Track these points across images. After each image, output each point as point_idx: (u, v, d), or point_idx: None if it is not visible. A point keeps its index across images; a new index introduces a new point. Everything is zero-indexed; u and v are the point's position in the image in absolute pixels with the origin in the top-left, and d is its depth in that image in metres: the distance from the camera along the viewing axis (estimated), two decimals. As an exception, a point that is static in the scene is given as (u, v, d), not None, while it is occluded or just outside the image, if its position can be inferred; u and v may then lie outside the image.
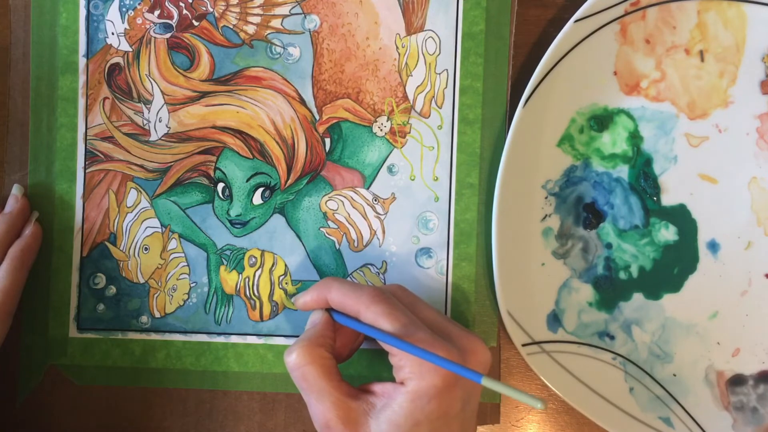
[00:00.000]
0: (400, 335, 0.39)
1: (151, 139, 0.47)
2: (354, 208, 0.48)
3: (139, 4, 0.47)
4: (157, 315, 0.48)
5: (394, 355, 0.39)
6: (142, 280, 0.48)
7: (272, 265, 0.48)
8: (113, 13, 0.47)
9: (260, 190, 0.47)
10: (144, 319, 0.48)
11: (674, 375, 0.48)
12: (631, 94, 0.47)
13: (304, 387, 0.40)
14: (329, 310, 0.43)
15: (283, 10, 0.47)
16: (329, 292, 0.42)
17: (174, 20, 0.47)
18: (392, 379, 0.40)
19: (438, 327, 0.41)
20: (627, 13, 0.46)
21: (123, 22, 0.47)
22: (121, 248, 0.47)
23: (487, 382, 0.36)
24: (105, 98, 0.47)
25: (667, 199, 0.47)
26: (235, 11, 0.47)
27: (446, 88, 0.47)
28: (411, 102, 0.47)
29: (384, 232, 0.48)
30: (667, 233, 0.48)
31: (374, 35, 0.47)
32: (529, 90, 0.45)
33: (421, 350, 0.38)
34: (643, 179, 0.47)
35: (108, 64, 0.47)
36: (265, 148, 0.47)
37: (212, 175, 0.48)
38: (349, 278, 0.48)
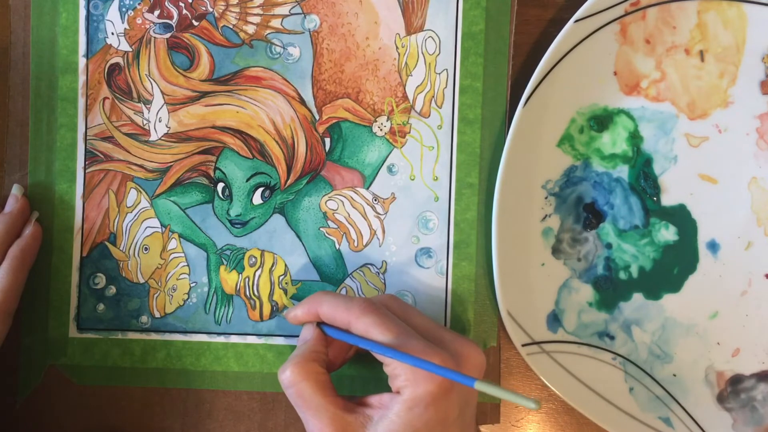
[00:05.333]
0: (392, 345, 0.39)
1: (151, 139, 0.47)
2: (354, 207, 0.48)
3: (139, 4, 0.47)
4: (157, 315, 0.48)
5: (388, 365, 0.40)
6: (142, 280, 0.48)
7: (272, 265, 0.48)
8: (113, 13, 0.47)
9: (260, 190, 0.48)
10: (144, 319, 0.48)
11: (674, 375, 0.48)
12: (631, 94, 0.47)
13: (300, 404, 0.40)
14: (320, 324, 0.43)
15: (283, 10, 0.47)
16: (320, 307, 0.42)
17: (174, 20, 0.47)
18: None
19: (431, 334, 0.41)
20: (627, 13, 0.46)
21: (123, 22, 0.47)
22: (121, 248, 0.47)
23: (480, 386, 0.36)
24: (105, 98, 0.47)
25: (667, 199, 0.47)
26: (235, 11, 0.47)
27: (446, 87, 0.47)
28: (411, 102, 0.47)
29: (384, 232, 0.48)
30: (667, 233, 0.48)
31: (374, 35, 0.47)
32: (529, 90, 0.45)
33: (413, 358, 0.37)
34: (643, 179, 0.47)
35: (108, 64, 0.47)
36: (265, 148, 0.47)
37: (212, 175, 0.48)
38: (349, 278, 0.48)
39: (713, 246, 0.47)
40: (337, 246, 0.48)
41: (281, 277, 0.48)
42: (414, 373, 0.38)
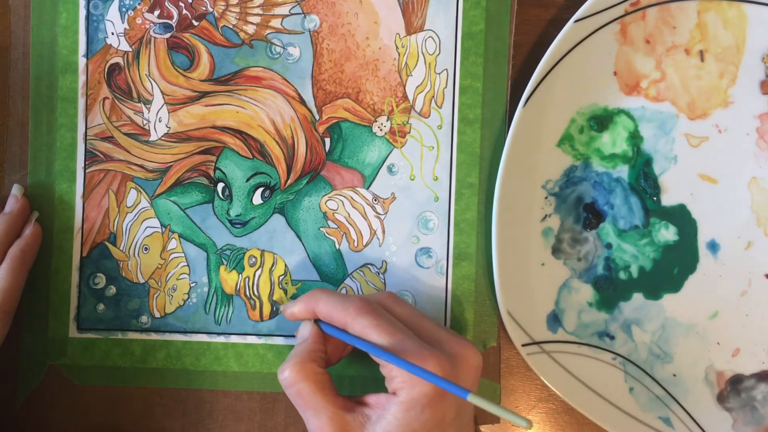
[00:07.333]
0: (387, 347, 0.39)
1: (150, 139, 0.47)
2: (354, 207, 0.48)
3: (138, 4, 0.47)
4: (157, 315, 0.48)
5: (384, 367, 0.40)
6: (142, 280, 0.48)
7: (272, 265, 0.48)
8: (113, 13, 0.47)
9: (260, 190, 0.48)
10: (144, 319, 0.48)
11: (674, 375, 0.48)
12: (631, 94, 0.47)
13: (300, 403, 0.40)
14: (318, 321, 0.43)
15: (283, 10, 0.47)
16: (317, 305, 0.42)
17: (174, 20, 0.47)
18: None
19: (428, 334, 0.41)
20: (627, 13, 0.46)
21: (123, 22, 0.47)
22: (121, 248, 0.47)
23: (473, 399, 0.36)
24: (105, 98, 0.47)
25: (667, 199, 0.47)
26: (235, 11, 0.47)
27: (446, 87, 0.47)
28: (411, 102, 0.47)
29: (384, 232, 0.48)
30: (667, 233, 0.48)
31: (374, 35, 0.47)
32: (529, 90, 0.45)
33: (408, 363, 0.37)
34: (643, 179, 0.47)
35: (108, 64, 0.47)
36: (265, 148, 0.47)
37: (212, 175, 0.48)
38: (349, 278, 0.48)
39: (713, 246, 0.47)
40: (337, 246, 0.48)
41: (281, 277, 0.48)
42: (410, 375, 0.38)
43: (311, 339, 0.42)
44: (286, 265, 0.48)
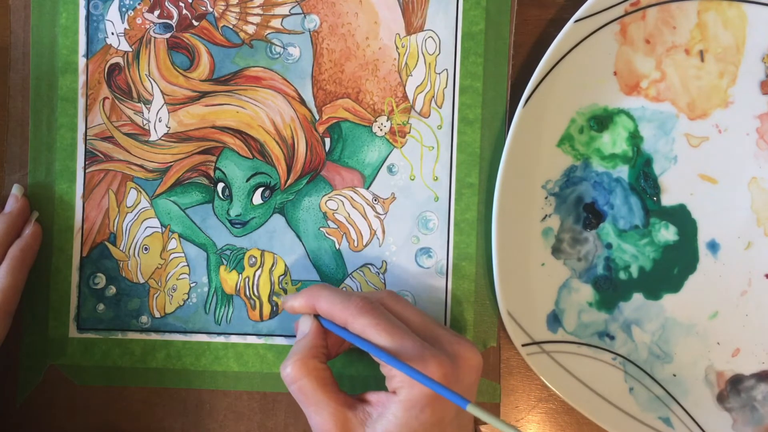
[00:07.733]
0: (387, 347, 0.39)
1: (150, 139, 0.47)
2: (354, 207, 0.48)
3: (138, 4, 0.47)
4: (157, 315, 0.48)
5: (384, 365, 0.40)
6: (142, 280, 0.48)
7: (272, 265, 0.48)
8: (113, 13, 0.47)
9: (260, 190, 0.48)
10: (144, 319, 0.48)
11: (674, 375, 0.48)
12: (631, 94, 0.47)
13: (302, 400, 0.41)
14: (318, 316, 0.43)
15: (283, 10, 0.47)
16: (317, 301, 0.42)
17: (174, 20, 0.47)
18: None
19: (428, 333, 0.41)
20: (627, 13, 0.46)
21: (123, 22, 0.47)
22: (121, 248, 0.47)
23: (472, 409, 0.36)
24: (105, 98, 0.47)
25: (667, 199, 0.47)
26: (235, 11, 0.47)
27: (446, 87, 0.47)
28: (411, 102, 0.47)
29: (384, 232, 0.48)
30: (667, 233, 0.48)
31: (374, 35, 0.47)
32: (529, 90, 0.45)
33: (408, 367, 0.37)
34: (643, 179, 0.47)
35: (108, 64, 0.47)
36: (265, 148, 0.47)
37: (212, 175, 0.48)
38: (349, 278, 0.48)
39: (713, 246, 0.47)
40: (337, 246, 0.48)
41: (281, 277, 0.48)
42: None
43: (312, 335, 0.42)
44: (286, 265, 0.48)
